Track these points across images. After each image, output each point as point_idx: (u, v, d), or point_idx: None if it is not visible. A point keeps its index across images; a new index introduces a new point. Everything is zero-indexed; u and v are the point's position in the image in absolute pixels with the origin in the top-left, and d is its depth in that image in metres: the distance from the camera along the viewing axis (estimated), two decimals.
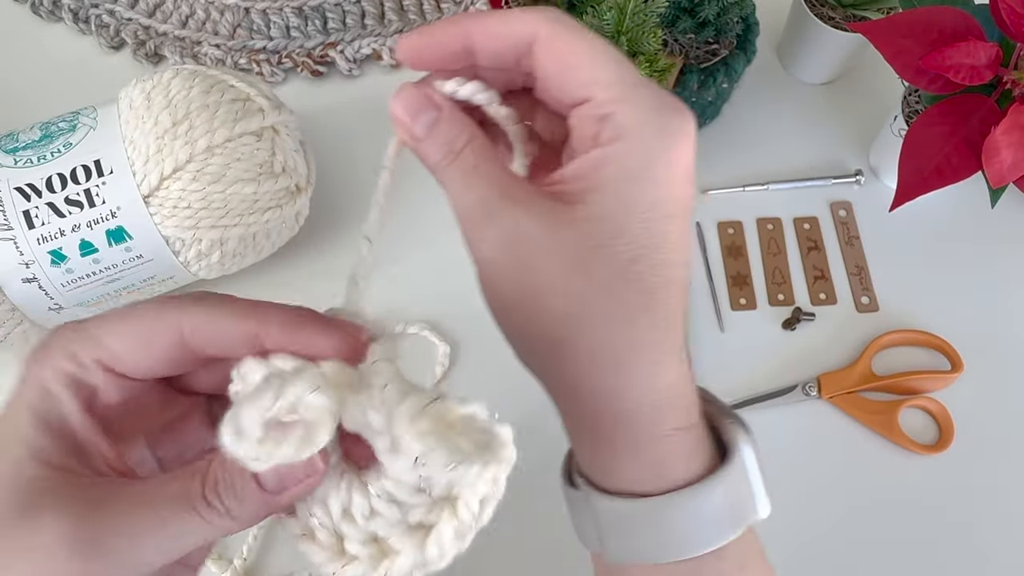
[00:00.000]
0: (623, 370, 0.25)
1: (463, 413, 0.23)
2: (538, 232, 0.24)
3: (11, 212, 0.45)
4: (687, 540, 0.27)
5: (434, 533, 0.24)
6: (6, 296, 0.46)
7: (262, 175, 0.49)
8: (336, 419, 0.22)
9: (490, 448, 0.23)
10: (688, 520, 0.27)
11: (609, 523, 0.28)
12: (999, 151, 0.47)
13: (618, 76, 0.24)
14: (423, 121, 0.25)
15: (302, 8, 0.67)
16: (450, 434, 0.22)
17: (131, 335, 0.24)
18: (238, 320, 0.24)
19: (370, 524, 0.24)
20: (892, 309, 0.58)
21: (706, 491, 0.27)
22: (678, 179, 0.25)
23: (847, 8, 0.61)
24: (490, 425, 0.23)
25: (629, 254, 0.24)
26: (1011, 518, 0.51)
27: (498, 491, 0.24)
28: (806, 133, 0.65)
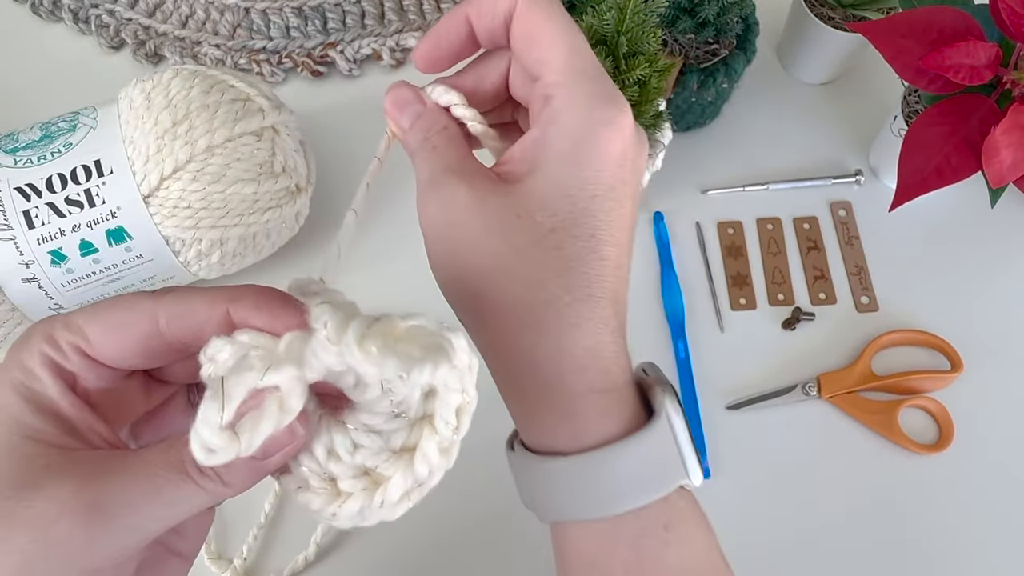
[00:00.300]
0: (535, 328, 0.27)
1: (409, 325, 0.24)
2: (469, 200, 0.27)
3: (11, 212, 0.45)
4: (603, 498, 0.28)
5: (418, 452, 0.25)
6: (6, 296, 0.46)
7: (262, 175, 0.49)
8: (303, 381, 0.23)
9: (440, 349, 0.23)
10: (604, 479, 0.28)
11: (535, 482, 0.30)
12: (999, 151, 0.47)
13: (567, 62, 0.27)
14: (409, 113, 0.30)
15: (302, 8, 0.67)
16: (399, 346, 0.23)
17: (107, 323, 0.24)
18: (210, 305, 0.25)
19: (356, 458, 0.25)
20: (892, 309, 0.58)
21: (623, 451, 0.28)
22: (606, 164, 0.27)
23: (847, 8, 0.61)
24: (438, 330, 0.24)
25: (549, 224, 0.27)
26: (1011, 518, 0.51)
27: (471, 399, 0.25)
28: (806, 133, 0.65)
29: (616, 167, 0.27)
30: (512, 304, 0.27)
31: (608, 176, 0.27)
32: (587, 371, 0.28)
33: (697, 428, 0.53)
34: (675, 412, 0.28)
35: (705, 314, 0.57)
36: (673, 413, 0.28)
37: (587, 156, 0.27)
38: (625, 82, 0.45)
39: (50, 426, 0.23)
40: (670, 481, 0.28)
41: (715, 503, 0.51)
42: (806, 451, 0.53)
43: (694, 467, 0.29)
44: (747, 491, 0.51)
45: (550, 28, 0.27)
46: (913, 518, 0.51)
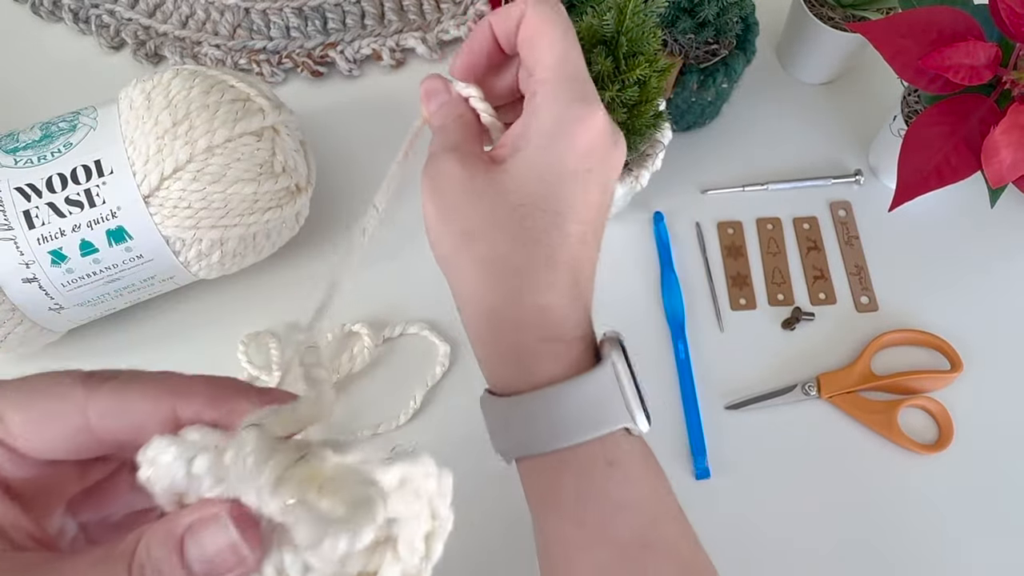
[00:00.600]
0: (498, 288, 0.31)
1: (338, 465, 0.21)
2: (460, 174, 0.31)
3: (11, 212, 0.45)
4: (550, 433, 0.31)
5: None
6: (6, 296, 0.46)
7: (262, 175, 0.49)
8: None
9: (367, 505, 0.20)
10: (550, 415, 0.31)
11: (496, 422, 0.33)
12: (998, 151, 0.47)
13: (557, 63, 0.31)
14: (436, 101, 0.35)
15: (302, 8, 0.67)
16: (322, 501, 0.20)
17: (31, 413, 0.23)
18: (154, 402, 0.23)
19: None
20: (891, 309, 0.58)
21: (566, 390, 0.31)
22: (574, 153, 0.31)
23: (846, 8, 0.61)
24: (370, 475, 0.21)
25: (520, 200, 0.31)
26: (1011, 518, 0.51)
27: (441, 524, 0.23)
28: (806, 133, 0.65)
29: (583, 156, 0.31)
30: (481, 266, 0.31)
31: (574, 163, 0.31)
32: (540, 326, 0.32)
33: (697, 428, 0.53)
34: (619, 360, 0.32)
35: (705, 314, 0.57)
36: (617, 361, 0.32)
37: (558, 145, 0.31)
38: (625, 82, 0.45)
39: None
40: (612, 421, 0.31)
41: (715, 503, 0.51)
42: (806, 451, 0.53)
43: (638, 411, 0.32)
44: (747, 491, 0.51)
45: (548, 33, 0.32)
46: (913, 518, 0.51)
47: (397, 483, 0.21)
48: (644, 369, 0.54)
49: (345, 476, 0.21)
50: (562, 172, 0.31)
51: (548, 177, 0.31)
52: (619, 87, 0.45)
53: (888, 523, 0.51)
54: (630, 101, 0.46)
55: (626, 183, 0.52)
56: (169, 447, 0.21)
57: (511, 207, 0.31)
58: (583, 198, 0.32)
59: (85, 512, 0.26)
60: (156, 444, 0.21)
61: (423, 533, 0.23)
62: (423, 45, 0.65)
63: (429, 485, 0.22)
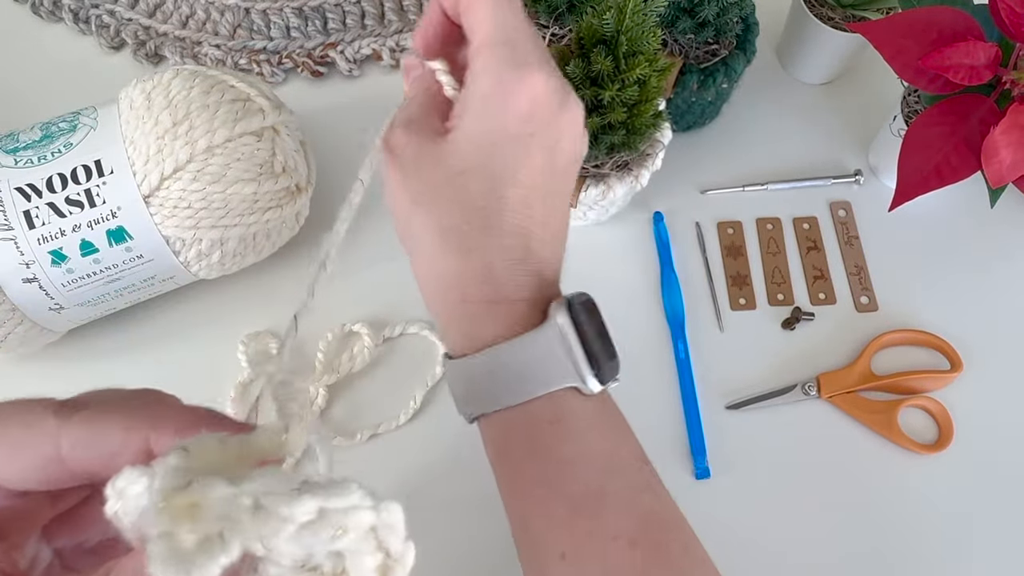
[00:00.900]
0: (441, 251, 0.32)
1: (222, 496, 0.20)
2: (408, 145, 0.32)
3: (11, 212, 0.45)
4: (497, 391, 0.32)
5: None
6: (6, 296, 0.46)
7: (262, 175, 0.49)
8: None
9: (216, 541, 0.19)
10: (495, 374, 0.32)
11: (451, 382, 0.34)
12: (998, 151, 0.47)
13: (490, 30, 0.32)
14: (411, 75, 0.36)
15: (302, 8, 0.67)
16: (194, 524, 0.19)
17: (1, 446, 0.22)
18: (126, 433, 0.22)
19: None
20: (891, 309, 0.58)
21: (507, 349, 0.31)
22: (511, 118, 0.32)
23: (847, 8, 0.61)
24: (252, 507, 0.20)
25: (459, 167, 0.32)
26: (1010, 518, 0.51)
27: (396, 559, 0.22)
28: (806, 133, 0.65)
29: (522, 121, 0.32)
30: (428, 232, 0.32)
31: (514, 127, 0.32)
32: (481, 287, 0.32)
33: (697, 428, 0.53)
34: (565, 321, 0.31)
35: (705, 314, 0.57)
36: (562, 321, 0.31)
37: (493, 111, 0.32)
38: (625, 81, 0.45)
39: None
40: (555, 381, 0.31)
41: (715, 503, 0.51)
42: (806, 451, 0.53)
43: (585, 371, 0.31)
44: (747, 491, 0.52)
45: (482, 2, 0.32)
46: (913, 518, 0.51)
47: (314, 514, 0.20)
48: (644, 369, 0.54)
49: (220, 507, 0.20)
50: (499, 138, 0.32)
51: (484, 143, 0.32)
52: (619, 86, 0.45)
53: (888, 523, 0.51)
54: (630, 101, 0.46)
55: (626, 183, 0.52)
56: (140, 478, 0.20)
57: (452, 174, 0.32)
58: (524, 162, 0.32)
59: (59, 538, 0.26)
60: (126, 475, 0.20)
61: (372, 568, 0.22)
62: None
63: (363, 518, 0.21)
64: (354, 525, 0.21)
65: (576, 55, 0.46)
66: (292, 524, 0.20)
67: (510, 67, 0.32)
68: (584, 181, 0.52)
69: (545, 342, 0.31)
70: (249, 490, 0.20)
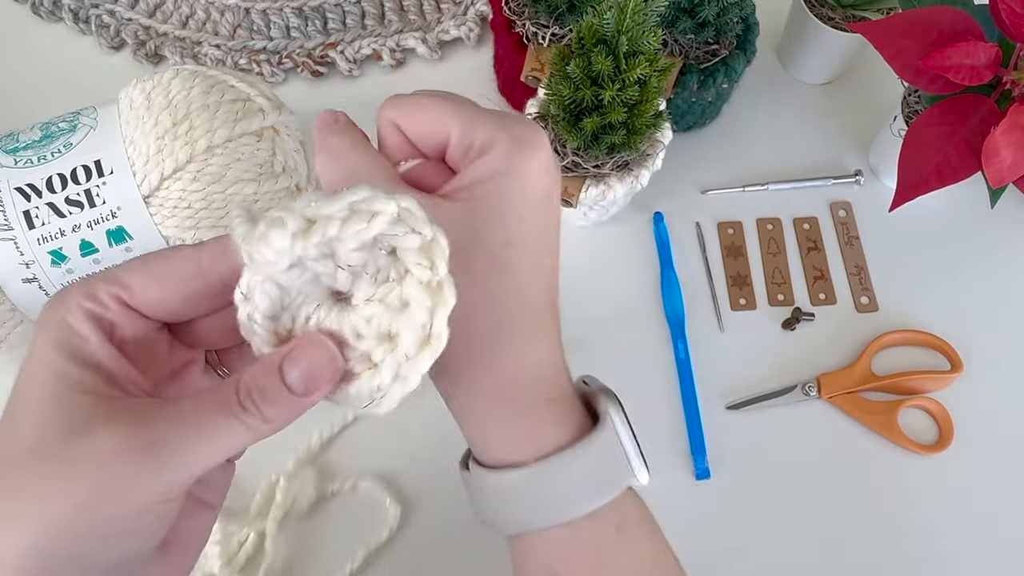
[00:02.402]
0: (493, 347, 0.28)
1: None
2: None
3: (11, 212, 0.45)
4: (560, 504, 0.29)
5: (410, 299, 0.25)
6: (6, 296, 0.46)
7: (262, 175, 0.49)
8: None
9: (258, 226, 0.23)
10: (560, 484, 0.29)
11: (493, 497, 0.30)
12: (998, 151, 0.47)
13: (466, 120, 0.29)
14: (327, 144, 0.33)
15: (302, 8, 0.67)
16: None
17: (149, 271, 0.26)
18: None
19: (374, 327, 0.25)
20: (892, 309, 0.58)
21: (576, 455, 0.29)
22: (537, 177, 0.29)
23: (847, 8, 0.61)
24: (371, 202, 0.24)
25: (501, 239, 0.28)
26: (1011, 518, 0.51)
27: (430, 236, 0.24)
28: (806, 133, 0.65)
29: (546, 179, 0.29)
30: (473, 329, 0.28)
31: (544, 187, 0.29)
32: (543, 381, 0.29)
33: (697, 428, 0.53)
34: (617, 414, 0.30)
35: (705, 314, 0.57)
36: (615, 416, 0.30)
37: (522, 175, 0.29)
38: (625, 81, 0.45)
39: (92, 377, 0.24)
40: (620, 482, 0.30)
41: (715, 503, 0.51)
42: (806, 451, 0.53)
43: (639, 467, 0.30)
44: (747, 491, 0.51)
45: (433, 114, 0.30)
46: (913, 518, 0.51)
47: (396, 214, 0.23)
48: (644, 369, 0.54)
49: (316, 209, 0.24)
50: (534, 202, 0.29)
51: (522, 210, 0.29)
52: (619, 86, 0.45)
53: (888, 523, 0.51)
54: (630, 101, 0.46)
55: (626, 183, 0.52)
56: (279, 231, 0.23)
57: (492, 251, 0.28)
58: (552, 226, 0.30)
59: (167, 394, 0.29)
60: (245, 277, 0.25)
61: (415, 248, 0.24)
62: (423, 45, 0.65)
63: (424, 229, 0.24)
64: (416, 237, 0.24)
65: (576, 55, 0.46)
66: (387, 215, 0.23)
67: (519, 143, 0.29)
68: (584, 181, 0.52)
69: (606, 443, 0.29)
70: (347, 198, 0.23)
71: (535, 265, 0.29)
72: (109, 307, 0.25)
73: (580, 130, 0.48)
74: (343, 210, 0.23)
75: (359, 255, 0.24)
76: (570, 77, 0.46)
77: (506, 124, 0.29)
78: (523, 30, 0.57)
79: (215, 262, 0.26)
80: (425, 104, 0.30)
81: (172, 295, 0.26)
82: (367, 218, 0.23)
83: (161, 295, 0.26)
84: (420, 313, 0.24)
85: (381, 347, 0.25)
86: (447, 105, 0.30)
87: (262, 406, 0.24)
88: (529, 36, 0.57)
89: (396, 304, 0.25)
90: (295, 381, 0.25)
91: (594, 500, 0.29)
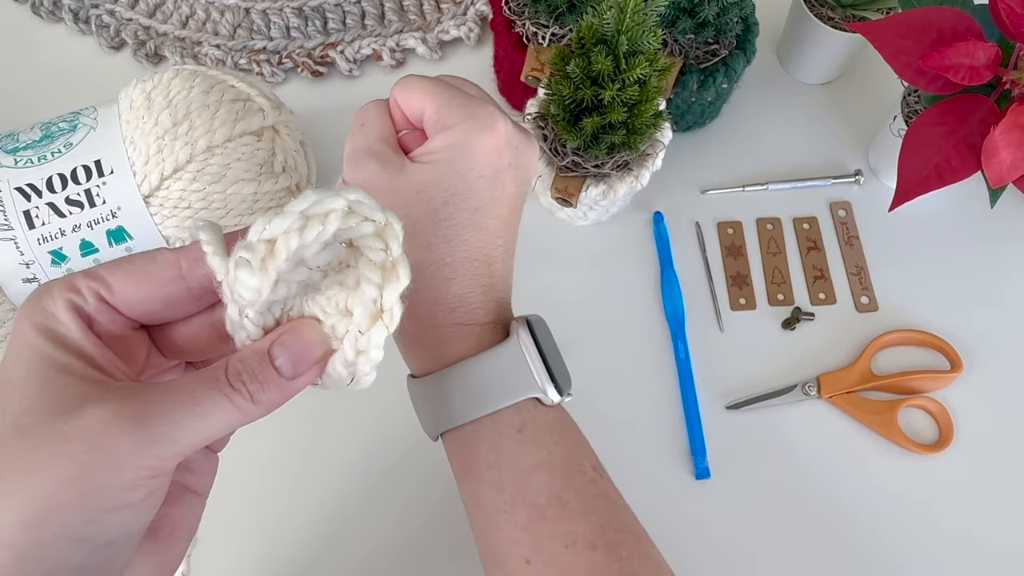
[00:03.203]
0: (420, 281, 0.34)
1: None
2: (383, 177, 0.34)
3: (11, 212, 0.45)
4: (464, 406, 0.34)
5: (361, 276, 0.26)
6: (6, 296, 0.46)
7: (262, 175, 0.49)
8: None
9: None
10: (462, 388, 0.34)
11: (416, 401, 0.36)
12: (998, 151, 0.47)
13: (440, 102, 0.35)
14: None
15: (302, 9, 0.67)
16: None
17: (129, 271, 0.26)
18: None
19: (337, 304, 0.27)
20: (892, 309, 0.58)
21: (476, 363, 0.34)
22: (488, 154, 0.34)
23: (847, 8, 0.61)
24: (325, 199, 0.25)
25: (442, 198, 0.34)
26: (1011, 518, 0.51)
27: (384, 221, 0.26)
28: (806, 133, 0.65)
29: (495, 156, 0.34)
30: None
31: (488, 160, 0.34)
32: (455, 311, 0.35)
33: (697, 428, 0.53)
34: (526, 337, 0.34)
35: (705, 314, 0.57)
36: (524, 337, 0.34)
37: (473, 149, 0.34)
38: (625, 81, 0.45)
39: (77, 362, 0.25)
40: (519, 392, 0.34)
41: (715, 503, 0.51)
42: (806, 451, 0.53)
43: (545, 382, 0.33)
44: (747, 491, 0.52)
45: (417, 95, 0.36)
46: (913, 518, 0.51)
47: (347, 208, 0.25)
48: (644, 369, 0.54)
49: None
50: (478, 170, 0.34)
51: (466, 174, 0.34)
52: (619, 86, 0.45)
53: (888, 523, 0.51)
54: (630, 100, 0.46)
55: (626, 183, 0.52)
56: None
57: (435, 206, 0.34)
58: (504, 192, 0.35)
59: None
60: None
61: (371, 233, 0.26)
62: (423, 45, 0.65)
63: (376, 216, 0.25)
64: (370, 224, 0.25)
65: (576, 55, 0.46)
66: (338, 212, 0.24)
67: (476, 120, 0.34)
68: (584, 181, 0.52)
69: (510, 356, 0.34)
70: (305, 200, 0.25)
71: (472, 224, 0.34)
72: (88, 301, 0.26)
73: (580, 130, 0.48)
74: (297, 220, 0.24)
75: (325, 254, 0.26)
76: (570, 77, 0.46)
77: (471, 108, 0.35)
78: (523, 30, 0.57)
79: (195, 266, 0.26)
80: (414, 86, 0.36)
81: (152, 296, 0.26)
82: (321, 220, 0.24)
83: (140, 295, 0.26)
84: (370, 289, 0.26)
85: (342, 323, 0.27)
86: (429, 88, 0.35)
87: (251, 387, 0.25)
88: (529, 36, 0.57)
89: (352, 284, 0.27)
90: (284, 364, 0.26)
91: (492, 404, 0.33)
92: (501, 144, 0.35)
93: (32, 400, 0.24)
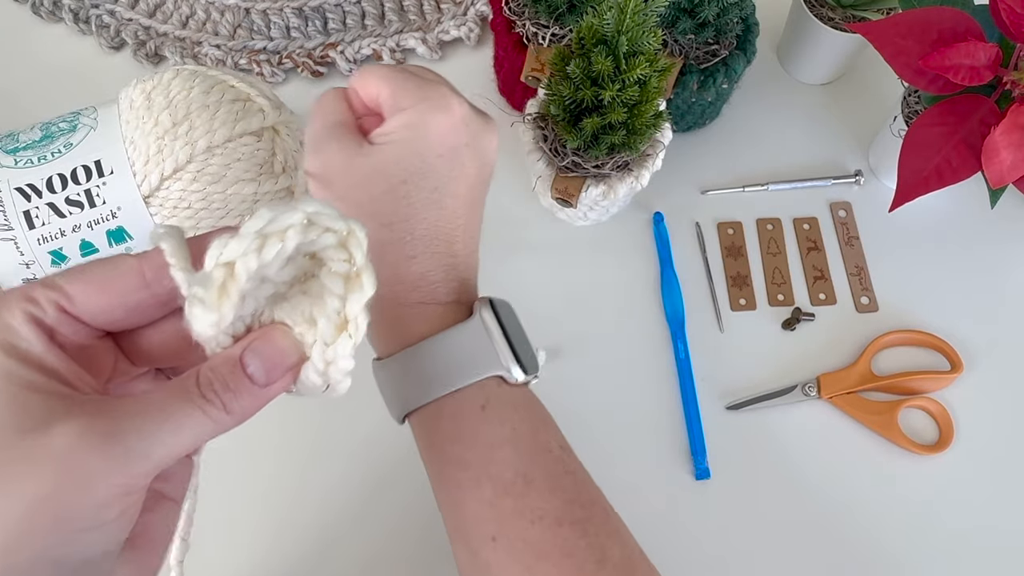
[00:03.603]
0: (381, 259, 0.33)
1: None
2: (341, 157, 0.35)
3: (11, 212, 0.45)
4: (425, 384, 0.34)
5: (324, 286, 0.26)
6: None
7: (262, 175, 0.49)
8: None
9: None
10: (424, 367, 0.34)
11: (382, 383, 0.36)
12: (998, 151, 0.47)
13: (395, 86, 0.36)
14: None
15: (302, 9, 0.67)
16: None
17: (89, 280, 0.25)
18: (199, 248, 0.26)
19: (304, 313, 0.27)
20: (892, 309, 0.58)
21: (437, 342, 0.34)
22: (444, 133, 0.35)
23: (847, 9, 0.61)
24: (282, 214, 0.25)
25: (400, 176, 0.34)
26: (1010, 518, 0.51)
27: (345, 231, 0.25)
28: (806, 133, 0.65)
29: (451, 135, 0.35)
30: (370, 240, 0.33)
31: (444, 140, 0.35)
32: (416, 290, 0.35)
33: (697, 428, 0.53)
34: (489, 316, 0.34)
35: (705, 314, 0.57)
36: (486, 316, 0.34)
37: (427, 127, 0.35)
38: (625, 81, 0.45)
39: (41, 377, 0.24)
40: (482, 370, 0.34)
41: (715, 503, 0.51)
42: (806, 451, 0.53)
43: (509, 361, 0.34)
44: (747, 491, 0.51)
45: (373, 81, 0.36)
46: (913, 518, 0.51)
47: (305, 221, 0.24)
48: (644, 369, 0.54)
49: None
50: (435, 150, 0.35)
51: (424, 154, 0.34)
52: (619, 87, 0.45)
53: (888, 523, 0.51)
54: (630, 101, 0.46)
55: (626, 183, 0.52)
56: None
57: (393, 185, 0.34)
58: (462, 172, 0.36)
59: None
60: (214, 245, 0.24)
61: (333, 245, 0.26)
62: (423, 45, 0.65)
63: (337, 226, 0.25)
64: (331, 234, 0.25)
65: (576, 55, 0.46)
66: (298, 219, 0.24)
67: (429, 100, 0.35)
68: (585, 181, 0.52)
69: (473, 334, 0.34)
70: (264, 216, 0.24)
71: (430, 202, 0.35)
72: (48, 312, 0.25)
73: (580, 130, 0.48)
74: (255, 241, 0.23)
75: (289, 268, 0.26)
76: (570, 77, 0.46)
77: (425, 90, 0.35)
78: (523, 30, 0.57)
79: (160, 274, 0.25)
80: (371, 74, 0.37)
81: (114, 305, 0.25)
82: (280, 236, 0.24)
83: (101, 304, 0.25)
84: (333, 301, 0.26)
85: (310, 332, 0.26)
86: (384, 73, 0.36)
87: (224, 396, 0.24)
88: (529, 36, 0.57)
89: (317, 294, 0.26)
90: (256, 371, 0.25)
91: (454, 382, 0.33)
92: (456, 123, 0.35)
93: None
